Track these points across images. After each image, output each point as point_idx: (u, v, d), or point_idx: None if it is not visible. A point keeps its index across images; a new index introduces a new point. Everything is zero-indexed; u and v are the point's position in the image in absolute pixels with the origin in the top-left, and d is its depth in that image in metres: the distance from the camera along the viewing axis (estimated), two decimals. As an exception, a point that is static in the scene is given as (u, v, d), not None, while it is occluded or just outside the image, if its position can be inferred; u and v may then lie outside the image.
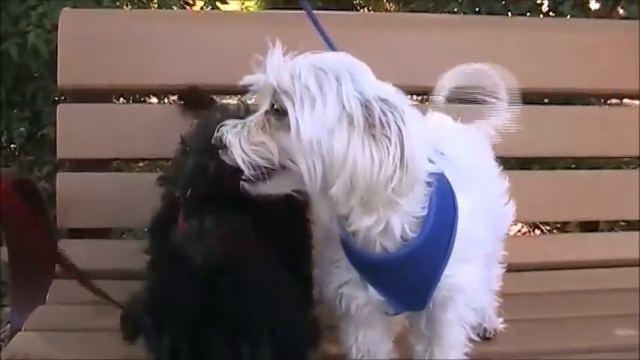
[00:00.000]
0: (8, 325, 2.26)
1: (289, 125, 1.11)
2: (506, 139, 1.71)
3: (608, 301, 1.93)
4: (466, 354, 1.42)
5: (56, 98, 2.87)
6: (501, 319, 1.72)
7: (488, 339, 1.68)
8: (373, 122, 1.10)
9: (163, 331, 1.23)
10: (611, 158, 2.36)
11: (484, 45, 2.14)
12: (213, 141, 1.19)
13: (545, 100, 2.59)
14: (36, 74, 2.82)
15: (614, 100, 2.66)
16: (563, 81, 2.20)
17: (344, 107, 1.10)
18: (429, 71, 1.64)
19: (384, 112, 1.10)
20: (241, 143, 1.16)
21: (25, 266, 1.90)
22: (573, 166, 2.55)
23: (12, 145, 3.19)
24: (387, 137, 1.10)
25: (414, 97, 2.07)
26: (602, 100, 2.60)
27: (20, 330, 1.72)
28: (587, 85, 2.23)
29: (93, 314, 1.80)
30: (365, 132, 1.10)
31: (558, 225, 3.18)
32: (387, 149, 1.10)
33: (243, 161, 1.16)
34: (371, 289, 1.30)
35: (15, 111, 2.90)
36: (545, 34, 2.18)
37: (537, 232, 3.41)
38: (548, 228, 3.38)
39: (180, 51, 2.04)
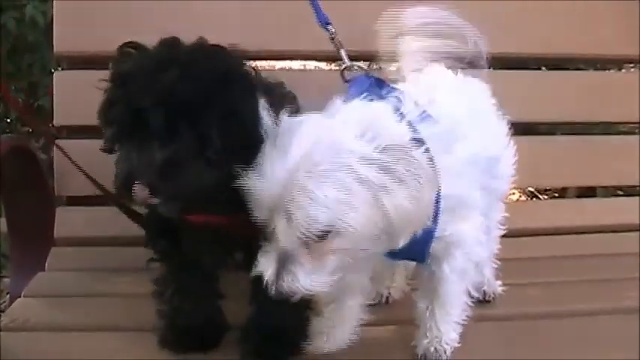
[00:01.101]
0: (8, 296, 2.27)
1: (337, 233, 1.09)
2: (507, 104, 1.71)
3: (607, 265, 1.94)
4: (467, 316, 1.43)
5: (52, 70, 2.86)
6: (500, 282, 1.72)
7: (488, 302, 1.69)
8: (395, 173, 1.09)
9: None
10: (611, 124, 2.35)
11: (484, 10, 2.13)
12: (274, 294, 1.12)
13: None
14: (32, 45, 2.79)
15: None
16: (563, 47, 2.20)
17: (369, 184, 1.08)
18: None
19: (396, 159, 1.10)
20: (308, 281, 1.12)
21: (23, 234, 1.91)
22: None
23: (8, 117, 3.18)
24: (412, 174, 1.10)
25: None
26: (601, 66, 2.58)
27: (20, 297, 1.73)
28: (587, 50, 2.22)
29: (92, 280, 1.82)
30: (396, 184, 1.09)
31: (556, 194, 3.19)
32: (419, 183, 1.10)
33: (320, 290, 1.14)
34: None
35: (11, 82, 2.88)
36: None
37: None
38: (546, 197, 3.38)
39: (176, 17, 2.01)
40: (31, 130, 3.02)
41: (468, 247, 1.31)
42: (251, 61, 1.31)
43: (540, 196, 3.41)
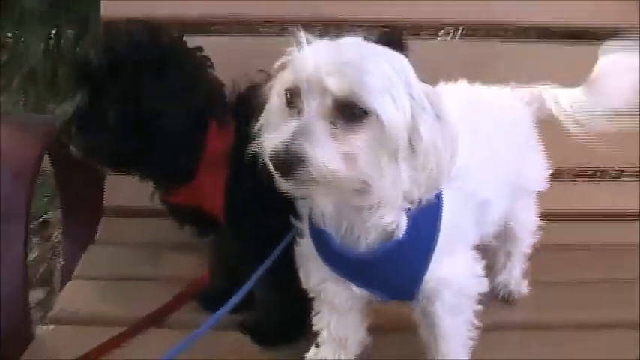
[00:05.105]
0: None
1: (370, 126, 1.01)
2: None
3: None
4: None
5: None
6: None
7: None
8: (437, 108, 1.07)
9: None
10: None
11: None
12: (280, 157, 0.98)
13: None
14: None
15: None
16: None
17: (412, 96, 1.04)
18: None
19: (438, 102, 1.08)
20: (328, 155, 0.98)
21: (75, 206, 1.95)
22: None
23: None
24: (444, 120, 1.07)
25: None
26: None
27: (72, 273, 1.77)
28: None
29: (143, 256, 1.85)
30: (434, 117, 1.06)
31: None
32: (449, 130, 1.07)
33: (330, 177, 0.99)
34: (354, 286, 1.28)
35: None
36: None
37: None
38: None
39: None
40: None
41: (457, 283, 1.27)
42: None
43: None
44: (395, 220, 1.14)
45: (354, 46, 1.07)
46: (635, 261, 1.80)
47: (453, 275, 1.25)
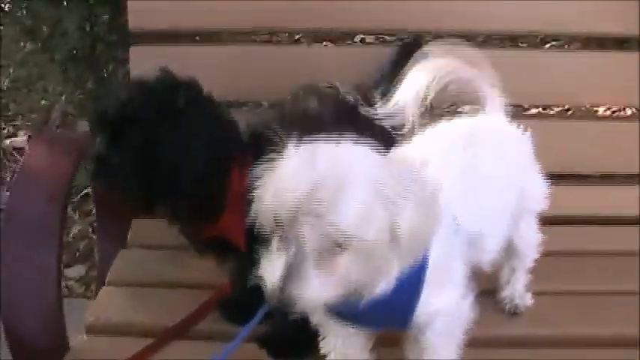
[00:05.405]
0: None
1: (353, 247, 1.06)
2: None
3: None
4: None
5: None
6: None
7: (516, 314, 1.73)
8: (408, 189, 1.10)
9: None
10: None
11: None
12: (276, 300, 1.06)
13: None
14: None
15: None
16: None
17: (390, 201, 1.08)
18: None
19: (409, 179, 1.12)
20: (319, 291, 1.07)
21: (108, 207, 2.03)
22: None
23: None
24: (422, 195, 1.12)
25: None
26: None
27: (105, 277, 1.85)
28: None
29: (174, 259, 1.91)
30: (407, 200, 1.09)
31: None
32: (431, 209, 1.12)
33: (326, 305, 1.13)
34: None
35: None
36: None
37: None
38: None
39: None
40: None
41: (449, 313, 1.32)
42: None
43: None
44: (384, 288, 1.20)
45: (329, 168, 1.07)
46: (635, 271, 1.82)
47: (444, 306, 1.31)
